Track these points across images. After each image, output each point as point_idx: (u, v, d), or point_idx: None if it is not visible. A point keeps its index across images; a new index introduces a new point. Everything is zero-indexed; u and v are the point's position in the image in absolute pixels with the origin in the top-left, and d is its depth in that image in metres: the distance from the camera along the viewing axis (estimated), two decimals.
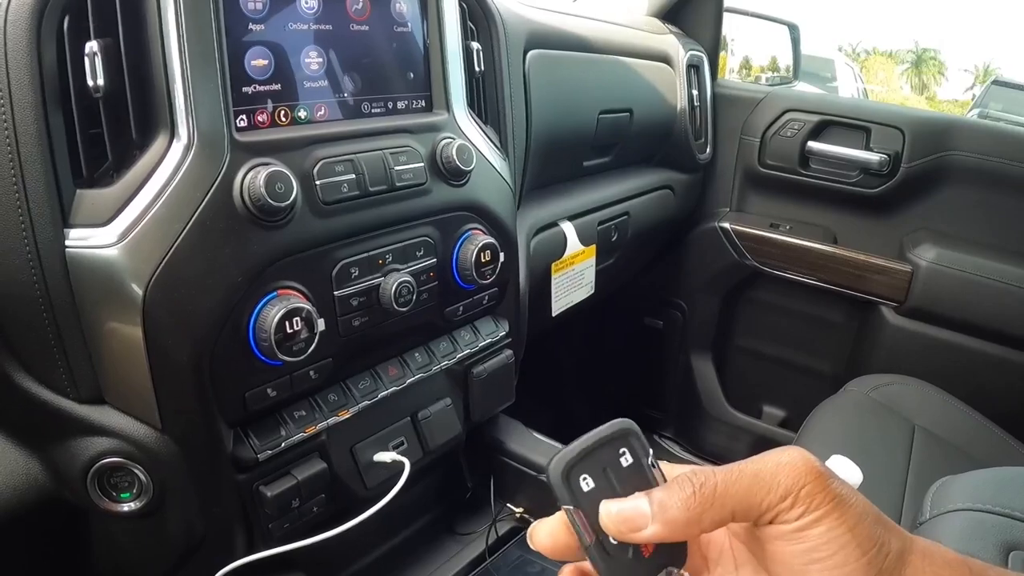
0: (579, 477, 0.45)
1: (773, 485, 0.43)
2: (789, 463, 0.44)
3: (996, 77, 12.60)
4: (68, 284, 0.77)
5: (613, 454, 0.46)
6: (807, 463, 0.44)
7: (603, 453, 0.46)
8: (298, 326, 0.83)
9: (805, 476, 0.43)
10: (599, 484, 0.45)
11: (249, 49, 0.84)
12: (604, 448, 0.46)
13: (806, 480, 0.43)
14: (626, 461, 0.46)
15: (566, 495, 0.45)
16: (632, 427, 0.47)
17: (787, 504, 0.43)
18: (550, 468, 0.45)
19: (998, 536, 0.97)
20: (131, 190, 0.77)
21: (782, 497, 0.43)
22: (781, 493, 0.43)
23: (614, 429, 0.47)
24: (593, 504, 0.45)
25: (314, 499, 0.98)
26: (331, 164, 0.89)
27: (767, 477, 0.44)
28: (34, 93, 0.73)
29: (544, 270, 1.53)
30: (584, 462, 0.45)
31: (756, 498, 0.44)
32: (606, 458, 0.46)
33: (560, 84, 1.50)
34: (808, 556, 0.43)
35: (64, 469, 0.86)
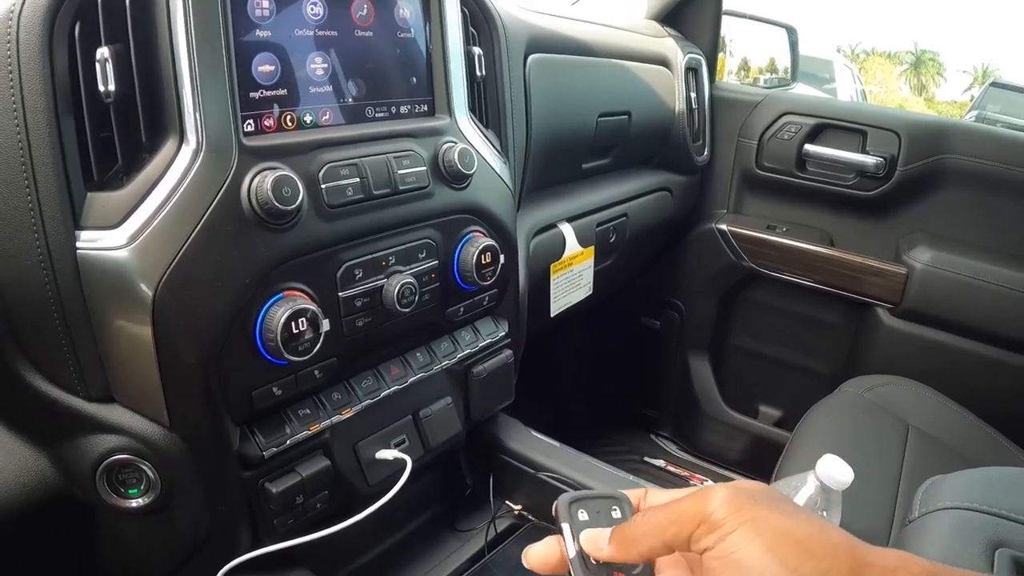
0: (578, 509, 0.57)
1: (689, 515, 0.48)
2: (705, 494, 0.48)
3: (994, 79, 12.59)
4: (79, 285, 0.79)
5: (607, 507, 0.58)
6: (723, 492, 0.48)
7: (600, 503, 0.58)
8: (303, 326, 0.85)
9: (716, 502, 0.47)
10: (591, 518, 0.57)
11: (256, 55, 0.86)
12: (603, 500, 0.58)
13: (716, 505, 0.47)
14: (615, 515, 0.57)
15: (566, 516, 0.56)
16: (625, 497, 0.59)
17: (703, 530, 0.47)
18: (559, 498, 0.58)
19: (985, 534, 0.98)
20: (141, 193, 0.78)
21: (696, 524, 0.47)
22: (695, 521, 0.47)
23: (612, 492, 0.59)
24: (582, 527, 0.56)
25: (318, 496, 1.00)
26: (336, 168, 0.91)
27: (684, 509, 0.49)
28: (46, 98, 0.74)
29: (543, 271, 1.54)
30: (584, 502, 0.58)
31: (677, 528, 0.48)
32: (601, 507, 0.58)
33: (560, 87, 1.51)
34: None
35: (73, 466, 0.87)
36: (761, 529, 0.45)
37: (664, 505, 0.51)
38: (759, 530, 0.45)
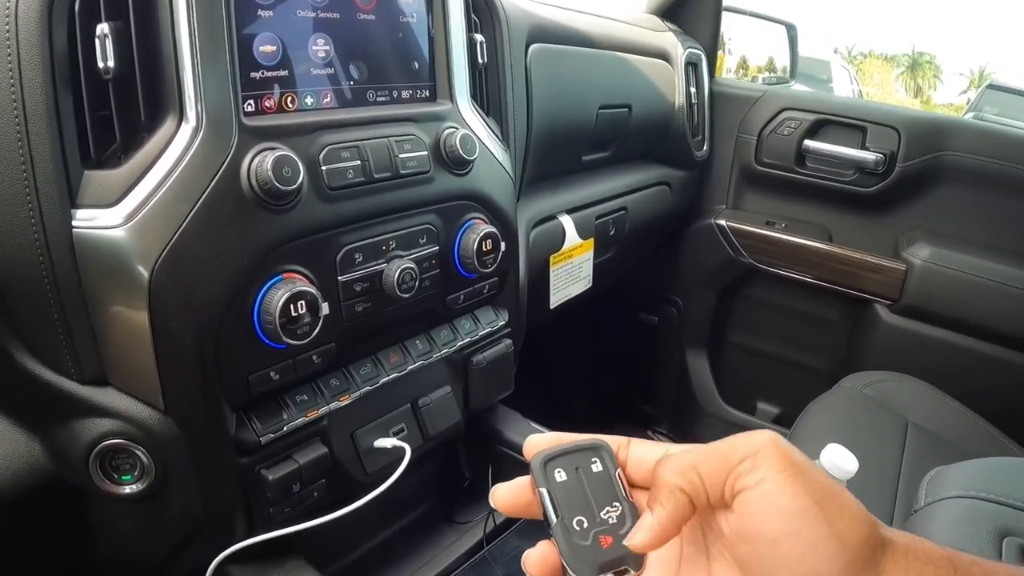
0: (555, 469, 0.52)
1: (732, 450, 0.46)
2: (749, 435, 0.46)
3: (991, 81, 12.61)
4: (74, 264, 0.78)
5: (586, 460, 0.53)
6: (768, 435, 0.46)
7: (578, 457, 0.53)
8: (302, 310, 0.84)
9: (763, 443, 0.45)
10: (570, 478, 0.52)
11: (258, 35, 0.85)
12: (580, 454, 0.54)
13: (764, 445, 0.45)
14: (596, 468, 0.53)
15: (542, 479, 0.52)
16: (605, 445, 0.55)
17: (747, 467, 0.45)
18: (532, 459, 0.53)
19: (992, 522, 0.98)
20: (139, 172, 0.77)
21: (741, 459, 0.45)
22: (740, 455, 0.45)
23: (590, 442, 0.54)
24: (561, 491, 0.52)
25: (315, 484, 0.99)
26: (337, 150, 0.90)
27: (728, 446, 0.46)
28: (44, 74, 0.73)
29: (543, 262, 1.54)
30: (561, 459, 0.53)
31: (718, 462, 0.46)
32: (579, 461, 0.53)
33: (561, 78, 1.51)
34: (778, 528, 0.43)
35: (66, 451, 0.86)
36: (807, 478, 0.44)
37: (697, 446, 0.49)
38: (805, 479, 0.44)
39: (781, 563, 0.44)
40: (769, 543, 0.44)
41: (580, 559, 0.50)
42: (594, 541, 0.50)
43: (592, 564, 0.50)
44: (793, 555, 0.43)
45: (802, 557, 0.43)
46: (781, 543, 0.43)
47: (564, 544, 0.50)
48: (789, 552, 0.43)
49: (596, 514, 0.51)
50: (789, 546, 0.43)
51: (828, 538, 0.43)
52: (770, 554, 0.44)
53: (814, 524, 0.43)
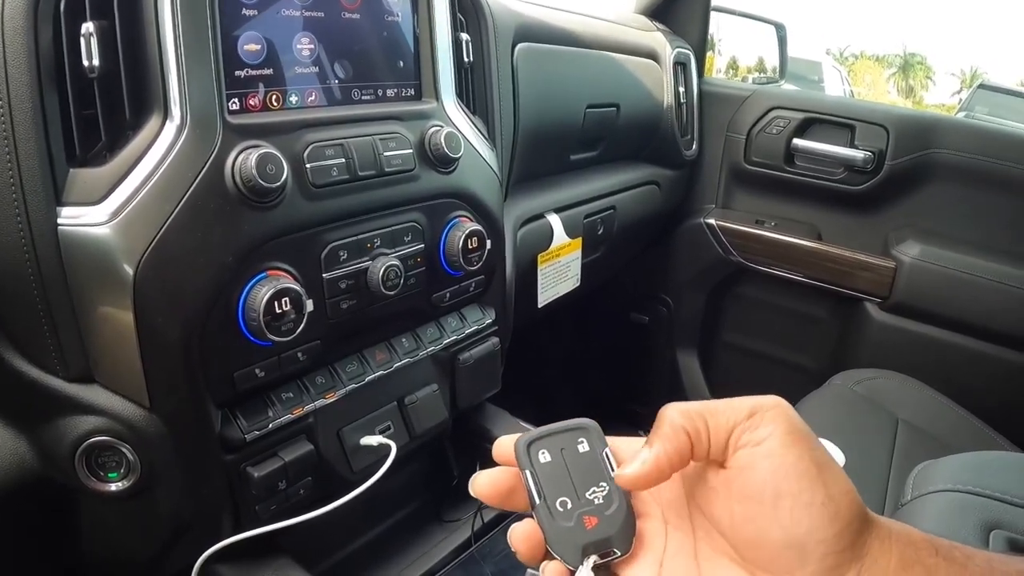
0: (539, 450, 0.52)
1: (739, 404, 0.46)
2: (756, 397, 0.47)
3: (983, 81, 12.64)
4: (59, 262, 0.78)
5: (572, 441, 0.53)
6: (776, 399, 0.46)
7: (563, 438, 0.53)
8: (287, 307, 0.84)
9: (771, 404, 0.46)
10: (554, 459, 0.52)
11: (242, 34, 0.85)
12: (565, 435, 0.53)
13: (772, 405, 0.45)
14: (582, 448, 0.53)
15: (525, 461, 0.51)
16: (592, 425, 0.54)
17: (753, 422, 0.45)
18: (517, 440, 0.52)
19: (979, 516, 0.99)
20: (124, 169, 0.77)
21: (748, 414, 0.45)
22: (747, 411, 0.46)
23: (577, 423, 0.54)
24: (545, 473, 0.51)
25: (301, 481, 0.99)
26: (321, 148, 0.90)
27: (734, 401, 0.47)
28: (30, 73, 0.73)
29: (530, 261, 1.54)
30: (545, 440, 0.53)
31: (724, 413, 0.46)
32: (565, 442, 0.53)
33: (548, 77, 1.51)
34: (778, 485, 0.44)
35: (52, 448, 0.86)
36: (810, 444, 0.45)
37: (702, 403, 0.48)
38: (808, 444, 0.44)
39: (777, 523, 0.44)
40: (769, 501, 0.44)
41: (563, 541, 0.49)
42: (578, 522, 0.50)
43: (576, 546, 0.49)
44: (790, 516, 0.44)
45: (798, 519, 0.43)
46: (780, 502, 0.44)
47: (547, 525, 0.49)
48: (787, 512, 0.44)
49: (581, 495, 0.51)
50: (788, 506, 0.44)
51: (825, 503, 0.43)
52: (767, 513, 0.44)
53: (813, 487, 0.43)
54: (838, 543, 0.43)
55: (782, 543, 0.44)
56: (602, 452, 0.53)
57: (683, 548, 0.50)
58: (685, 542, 0.51)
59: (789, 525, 0.44)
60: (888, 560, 0.44)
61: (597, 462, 0.52)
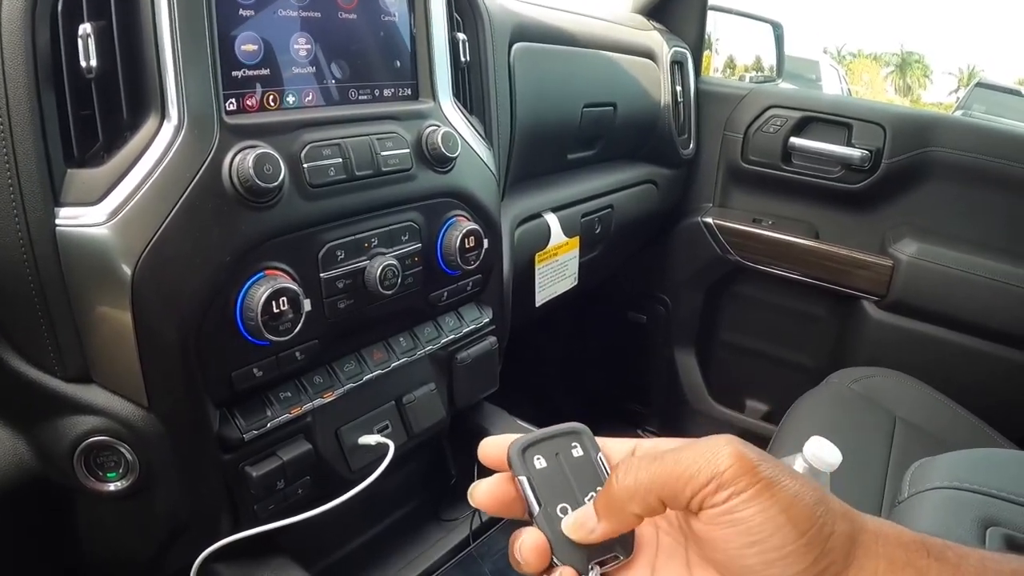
0: (533, 456, 0.52)
1: (695, 471, 0.45)
2: (712, 449, 0.45)
3: (980, 79, 12.65)
4: (57, 262, 0.78)
5: (566, 445, 0.53)
6: (732, 447, 0.45)
7: (557, 443, 0.53)
8: (284, 306, 0.85)
9: (728, 459, 0.44)
10: (550, 464, 0.52)
11: (239, 34, 0.85)
12: (558, 439, 0.53)
13: (729, 463, 0.44)
14: (576, 452, 0.53)
15: (520, 467, 0.51)
16: (584, 429, 0.54)
17: (711, 488, 0.44)
18: (511, 446, 0.52)
19: (975, 512, 0.99)
20: (121, 170, 0.78)
21: (705, 482, 0.44)
22: (704, 478, 0.44)
23: (569, 427, 0.54)
24: (542, 478, 0.51)
25: (299, 481, 0.99)
26: (319, 148, 0.90)
27: (690, 463, 0.45)
28: (27, 73, 0.73)
29: (528, 260, 1.54)
30: (539, 445, 0.53)
31: (680, 483, 0.45)
32: (559, 447, 0.53)
33: (545, 77, 1.51)
34: (743, 540, 0.44)
35: (50, 448, 0.86)
36: (775, 492, 0.44)
37: (658, 457, 0.47)
38: (773, 492, 0.43)
39: (749, 569, 0.44)
40: (735, 553, 0.44)
41: (569, 548, 0.49)
42: None
43: (581, 552, 0.49)
44: (759, 561, 0.43)
45: (769, 563, 0.43)
46: (747, 551, 0.44)
47: (550, 533, 0.49)
48: (755, 558, 0.44)
49: (580, 500, 0.51)
50: (755, 553, 0.43)
51: (794, 542, 0.43)
52: (737, 560, 0.44)
53: (780, 531, 0.43)
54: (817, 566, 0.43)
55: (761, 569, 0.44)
56: (596, 456, 0.53)
57: (674, 553, 0.51)
58: (676, 548, 0.51)
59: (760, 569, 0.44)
60: (876, 565, 0.44)
61: (592, 466, 0.52)
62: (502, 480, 0.52)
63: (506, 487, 0.52)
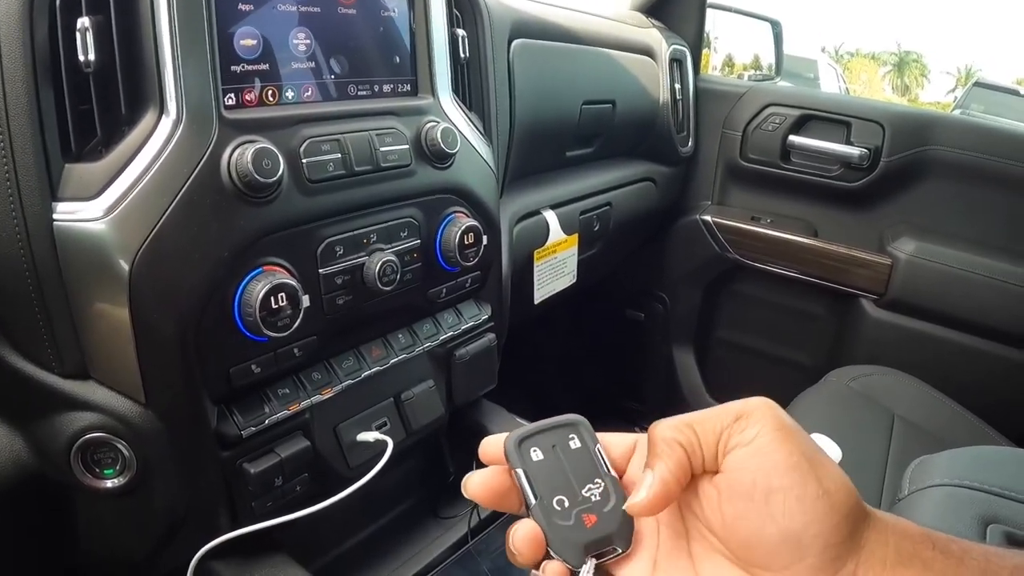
0: (530, 448, 0.51)
1: (725, 411, 0.46)
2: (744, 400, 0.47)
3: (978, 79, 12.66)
4: (55, 257, 0.78)
5: (563, 437, 0.53)
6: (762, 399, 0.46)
7: (554, 435, 0.53)
8: (283, 302, 0.84)
9: (757, 404, 0.46)
10: (547, 457, 0.51)
11: (238, 29, 0.85)
12: (555, 431, 0.53)
13: (757, 406, 0.45)
14: (574, 444, 0.52)
15: (517, 459, 0.51)
16: (582, 420, 0.54)
17: (740, 425, 0.45)
18: (507, 438, 0.52)
19: (976, 510, 0.99)
20: (119, 165, 0.77)
21: (735, 418, 0.45)
22: (734, 415, 0.46)
23: (567, 419, 0.54)
24: (539, 471, 0.51)
25: (297, 477, 0.99)
26: (317, 143, 0.90)
27: (720, 408, 0.47)
28: (25, 68, 0.73)
29: (527, 257, 1.54)
30: (536, 438, 0.52)
31: (711, 421, 0.46)
32: (556, 439, 0.52)
33: (544, 73, 1.51)
34: (770, 481, 0.44)
35: (48, 445, 0.86)
36: (799, 439, 0.45)
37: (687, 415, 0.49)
38: (797, 439, 0.44)
39: (770, 519, 0.44)
40: (760, 498, 0.44)
41: (564, 541, 0.48)
42: (577, 521, 0.49)
43: (577, 546, 0.48)
44: (783, 510, 0.43)
45: (792, 513, 0.43)
46: (772, 497, 0.43)
47: (546, 526, 0.48)
48: (780, 507, 0.43)
49: (578, 492, 0.50)
50: (780, 500, 0.43)
51: (819, 496, 0.43)
52: (759, 510, 0.44)
53: (806, 480, 0.43)
54: (835, 535, 0.43)
55: (778, 538, 0.44)
56: (594, 448, 0.52)
57: (677, 545, 0.50)
58: (678, 540, 0.50)
59: (783, 520, 0.43)
60: (885, 553, 0.44)
61: (590, 458, 0.52)
62: (496, 472, 0.52)
63: (500, 479, 0.52)
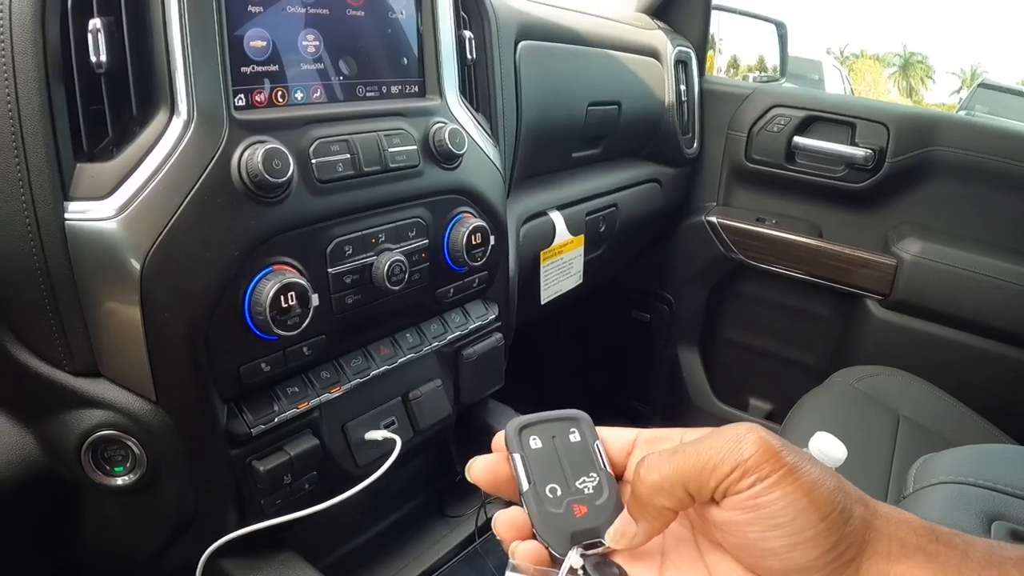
0: (530, 436, 0.52)
1: (719, 460, 0.45)
2: (734, 437, 0.45)
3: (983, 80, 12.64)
4: (67, 256, 0.78)
5: (564, 429, 0.54)
6: (755, 435, 0.45)
7: (555, 426, 0.54)
8: (292, 301, 0.85)
9: (752, 447, 0.44)
10: (545, 446, 0.52)
11: (248, 30, 0.86)
12: (557, 423, 0.54)
13: (753, 451, 0.44)
14: (573, 438, 0.53)
15: (516, 445, 0.52)
16: (585, 417, 0.55)
17: (736, 475, 0.44)
18: (508, 424, 0.53)
19: (980, 507, 0.99)
20: (130, 164, 0.78)
21: (730, 470, 0.44)
22: (729, 467, 0.45)
23: (570, 413, 0.55)
24: (535, 458, 0.52)
25: (306, 476, 0.99)
26: (327, 144, 0.91)
27: (713, 453, 0.45)
28: (37, 68, 0.74)
29: (533, 258, 1.54)
30: (537, 426, 0.53)
31: (704, 474, 0.45)
32: (557, 430, 0.54)
33: (550, 75, 1.51)
34: (765, 524, 0.44)
35: (58, 443, 0.86)
36: (798, 477, 0.44)
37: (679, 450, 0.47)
38: (796, 477, 0.44)
39: (771, 553, 0.44)
40: (758, 537, 0.45)
41: (551, 527, 0.49)
42: (567, 510, 0.50)
43: (563, 533, 0.49)
44: (782, 544, 0.44)
45: (791, 545, 0.44)
46: (769, 535, 0.44)
47: (535, 511, 0.50)
48: (778, 541, 0.44)
49: (571, 483, 0.51)
50: (777, 536, 0.44)
51: (815, 525, 0.43)
52: (759, 545, 0.45)
53: (803, 515, 0.43)
54: (837, 549, 0.44)
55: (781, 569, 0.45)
56: (593, 444, 0.53)
57: (684, 539, 0.51)
58: (685, 534, 0.51)
59: (783, 553, 0.44)
60: (889, 547, 0.45)
61: (588, 453, 0.53)
62: (500, 458, 0.53)
63: (503, 465, 0.53)
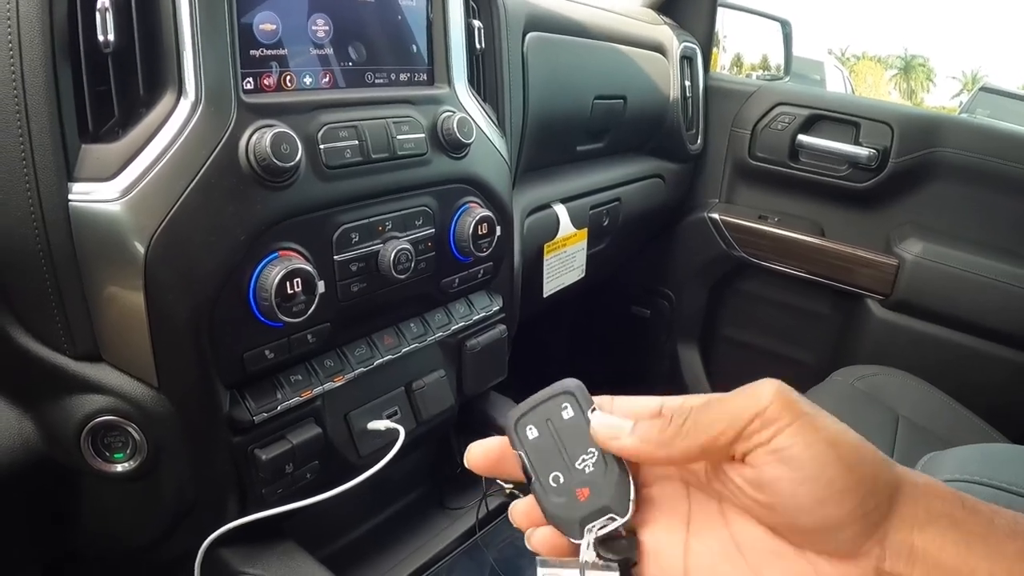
0: (526, 427, 0.52)
1: (739, 410, 0.45)
2: (754, 390, 0.45)
3: (984, 83, 12.65)
4: (70, 238, 0.77)
5: (556, 409, 0.52)
6: (773, 387, 0.45)
7: (547, 408, 0.52)
8: (298, 287, 0.84)
9: (769, 397, 0.44)
10: (541, 433, 0.52)
11: (257, 13, 0.85)
12: (548, 403, 0.52)
13: (771, 400, 0.44)
14: (567, 414, 0.52)
15: (517, 442, 0.51)
16: (573, 385, 0.53)
17: (756, 426, 0.44)
18: (507, 417, 0.52)
19: None
20: (136, 146, 0.77)
21: (750, 419, 0.44)
22: (748, 416, 0.44)
23: (559, 387, 0.53)
24: (535, 450, 0.51)
25: (308, 465, 0.98)
26: (335, 129, 0.90)
27: (733, 404, 0.45)
28: (44, 46, 0.73)
29: (537, 251, 1.54)
30: (530, 415, 0.52)
31: (723, 424, 0.45)
32: (549, 412, 0.52)
33: (557, 67, 1.51)
34: (794, 476, 0.43)
35: (58, 428, 0.85)
36: (818, 426, 0.43)
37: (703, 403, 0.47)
38: (816, 427, 0.43)
39: (800, 509, 0.43)
40: (787, 492, 0.44)
41: (562, 517, 0.50)
42: (571, 497, 0.50)
43: (574, 520, 0.49)
44: (812, 499, 0.43)
45: (821, 501, 0.43)
46: (799, 490, 0.43)
47: (545, 504, 0.50)
48: (808, 497, 0.43)
49: (571, 466, 0.51)
50: (807, 491, 0.43)
51: (844, 477, 0.42)
52: (788, 502, 0.44)
53: (830, 467, 0.42)
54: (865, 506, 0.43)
55: (811, 526, 0.44)
56: (587, 414, 0.52)
57: (707, 507, 0.50)
58: (708, 503, 0.50)
59: (814, 508, 0.43)
60: (915, 512, 0.44)
61: (583, 427, 0.52)
62: (495, 440, 0.53)
63: (498, 447, 0.53)
